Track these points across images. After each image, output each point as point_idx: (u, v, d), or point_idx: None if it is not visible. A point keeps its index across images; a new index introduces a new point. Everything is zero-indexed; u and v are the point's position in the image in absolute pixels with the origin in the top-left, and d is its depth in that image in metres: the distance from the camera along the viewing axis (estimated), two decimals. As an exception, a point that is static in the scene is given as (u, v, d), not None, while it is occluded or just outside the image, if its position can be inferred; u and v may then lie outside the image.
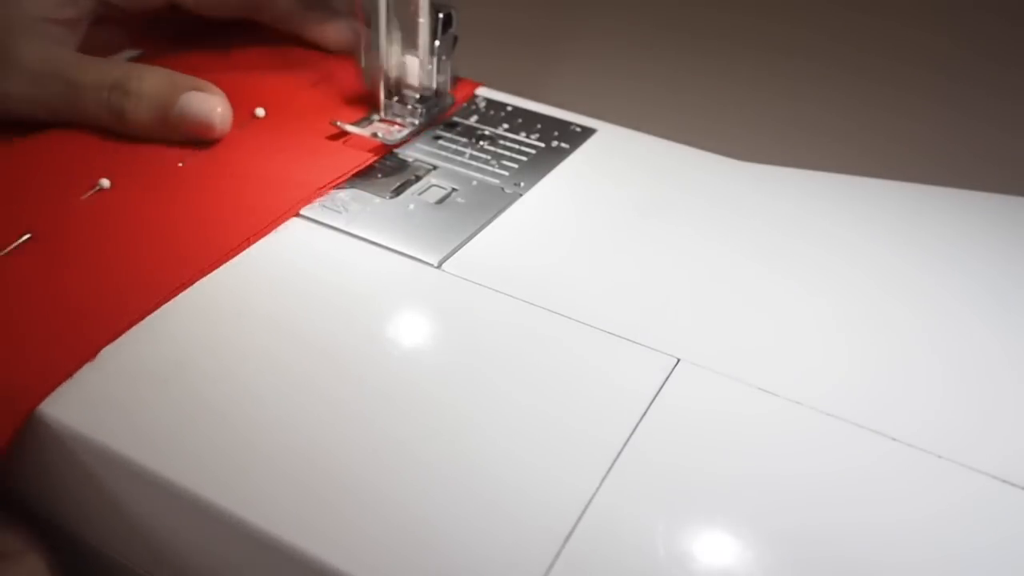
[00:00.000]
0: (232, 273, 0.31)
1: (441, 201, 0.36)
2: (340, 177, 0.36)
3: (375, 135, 0.39)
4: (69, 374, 0.26)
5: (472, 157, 0.39)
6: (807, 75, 0.61)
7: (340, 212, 0.34)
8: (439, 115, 0.42)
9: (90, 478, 0.25)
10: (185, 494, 0.23)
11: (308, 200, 0.35)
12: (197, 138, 0.36)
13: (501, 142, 0.40)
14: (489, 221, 0.35)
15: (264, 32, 0.46)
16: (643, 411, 0.26)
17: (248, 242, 0.32)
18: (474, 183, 0.37)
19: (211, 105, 0.36)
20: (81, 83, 0.35)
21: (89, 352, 0.27)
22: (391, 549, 0.22)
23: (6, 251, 0.30)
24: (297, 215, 0.34)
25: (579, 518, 0.23)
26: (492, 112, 0.43)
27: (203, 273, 0.30)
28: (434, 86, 0.41)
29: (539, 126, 0.42)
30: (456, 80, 0.44)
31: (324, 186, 0.35)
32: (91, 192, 0.33)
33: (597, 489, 0.24)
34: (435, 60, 0.40)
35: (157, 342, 0.28)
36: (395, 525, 0.22)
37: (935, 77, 0.61)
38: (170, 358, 0.27)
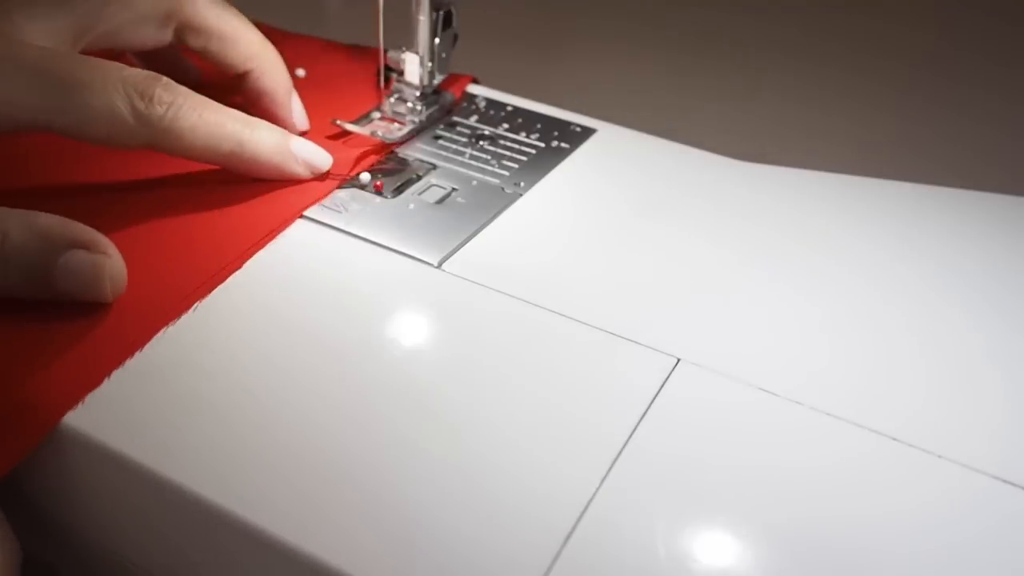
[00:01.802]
0: (232, 272, 0.31)
1: (441, 201, 0.36)
2: (342, 178, 0.36)
3: (375, 134, 0.39)
4: (91, 389, 0.26)
5: (472, 157, 0.39)
6: (807, 76, 0.61)
7: (340, 212, 0.34)
8: (439, 114, 0.42)
9: (89, 476, 0.25)
10: (184, 493, 0.23)
11: (312, 202, 0.35)
12: (85, 301, 0.29)
13: (501, 142, 0.40)
14: (489, 221, 0.35)
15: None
16: (643, 411, 0.26)
17: (255, 248, 0.32)
18: (474, 183, 0.37)
19: (97, 268, 0.28)
20: None
21: (113, 364, 0.26)
22: (391, 548, 0.22)
23: None
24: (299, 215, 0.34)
25: (580, 517, 0.23)
26: (492, 112, 0.43)
27: (215, 284, 0.30)
28: (434, 84, 0.41)
29: (539, 126, 0.42)
30: (451, 77, 0.44)
31: (329, 186, 0.35)
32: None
33: (598, 488, 0.24)
34: (435, 58, 0.40)
35: (159, 342, 0.28)
36: (395, 524, 0.22)
37: (934, 77, 0.61)
38: (171, 357, 0.27)
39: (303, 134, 0.39)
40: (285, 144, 0.34)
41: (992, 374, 0.29)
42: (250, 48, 0.38)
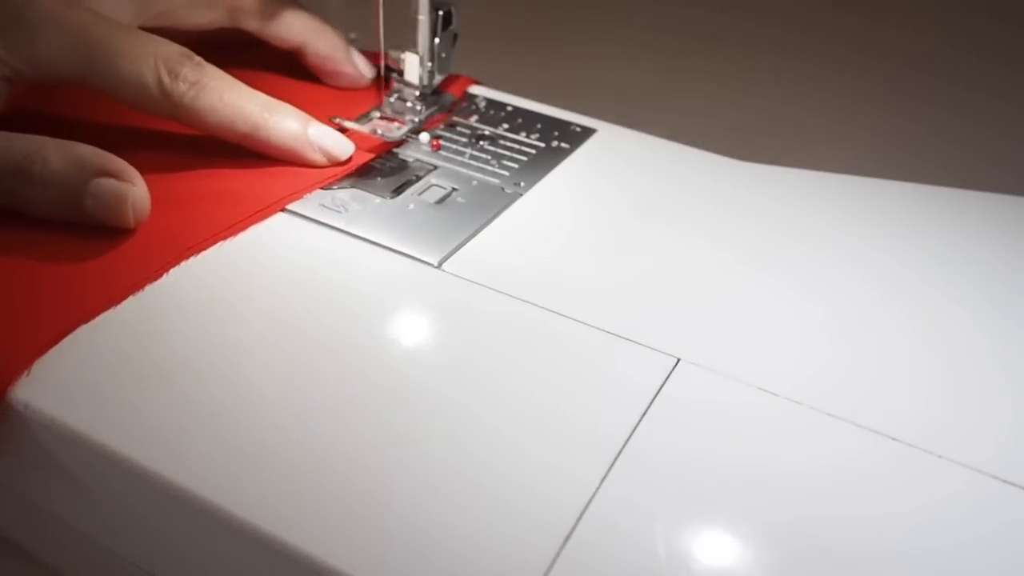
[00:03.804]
0: (232, 271, 0.31)
1: (441, 201, 0.36)
2: (340, 173, 0.36)
3: (375, 132, 0.39)
4: (43, 352, 0.26)
5: (472, 157, 0.39)
6: (807, 76, 0.61)
7: (340, 212, 0.34)
8: (439, 114, 0.42)
9: (90, 475, 0.25)
10: (184, 493, 0.23)
11: (305, 191, 0.35)
12: (111, 226, 0.31)
13: (501, 142, 0.40)
14: (489, 221, 0.35)
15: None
16: (643, 411, 0.26)
17: (233, 231, 0.32)
18: (474, 183, 0.37)
19: (121, 195, 0.31)
20: None
21: (63, 333, 0.27)
22: (390, 548, 0.22)
23: None
24: (296, 214, 0.34)
25: (580, 517, 0.23)
26: (492, 112, 0.43)
27: (182, 257, 0.31)
28: (434, 84, 0.41)
29: (539, 126, 0.42)
30: (452, 78, 0.44)
31: (323, 180, 0.35)
32: None
33: (598, 488, 0.24)
34: (435, 58, 0.40)
35: (158, 340, 0.28)
36: (394, 524, 0.22)
37: (933, 78, 0.61)
38: (171, 356, 0.27)
39: (373, 80, 0.43)
40: (302, 132, 0.36)
41: (994, 374, 0.29)
42: (299, 21, 0.42)
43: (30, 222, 0.31)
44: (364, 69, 0.43)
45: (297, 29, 0.42)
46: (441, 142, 0.40)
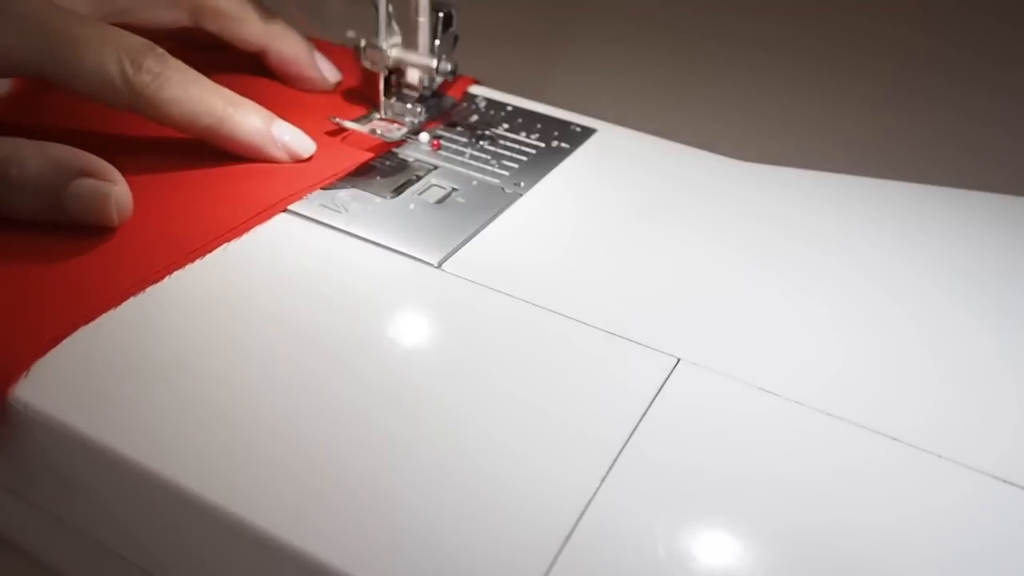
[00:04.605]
0: (232, 271, 0.31)
1: (441, 201, 0.36)
2: (340, 173, 0.36)
3: (374, 132, 0.39)
4: (44, 352, 0.26)
5: (472, 157, 0.39)
6: (807, 75, 0.61)
7: (340, 212, 0.34)
8: (439, 114, 0.42)
9: (89, 475, 0.25)
10: (183, 492, 0.23)
11: (305, 192, 0.35)
12: (94, 225, 0.31)
13: (501, 142, 0.40)
14: (489, 221, 0.35)
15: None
16: (643, 411, 0.26)
17: (235, 233, 0.32)
18: (474, 183, 0.37)
19: (103, 195, 0.30)
20: None
21: (63, 334, 0.27)
22: (390, 549, 0.22)
23: None
24: (296, 214, 0.34)
25: (579, 518, 0.23)
26: (492, 112, 0.43)
27: (186, 261, 0.30)
28: (434, 85, 0.41)
29: (539, 126, 0.42)
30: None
31: (322, 180, 0.35)
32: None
33: (597, 489, 0.24)
34: (435, 59, 0.40)
35: (158, 340, 0.28)
36: (394, 525, 0.22)
37: (934, 77, 0.61)
38: (171, 356, 0.27)
39: (338, 85, 0.43)
40: (265, 128, 0.36)
41: (997, 374, 0.29)
42: (261, 24, 0.41)
43: (31, 224, 0.31)
44: (329, 74, 0.43)
45: (259, 32, 0.41)
46: (441, 142, 0.40)
